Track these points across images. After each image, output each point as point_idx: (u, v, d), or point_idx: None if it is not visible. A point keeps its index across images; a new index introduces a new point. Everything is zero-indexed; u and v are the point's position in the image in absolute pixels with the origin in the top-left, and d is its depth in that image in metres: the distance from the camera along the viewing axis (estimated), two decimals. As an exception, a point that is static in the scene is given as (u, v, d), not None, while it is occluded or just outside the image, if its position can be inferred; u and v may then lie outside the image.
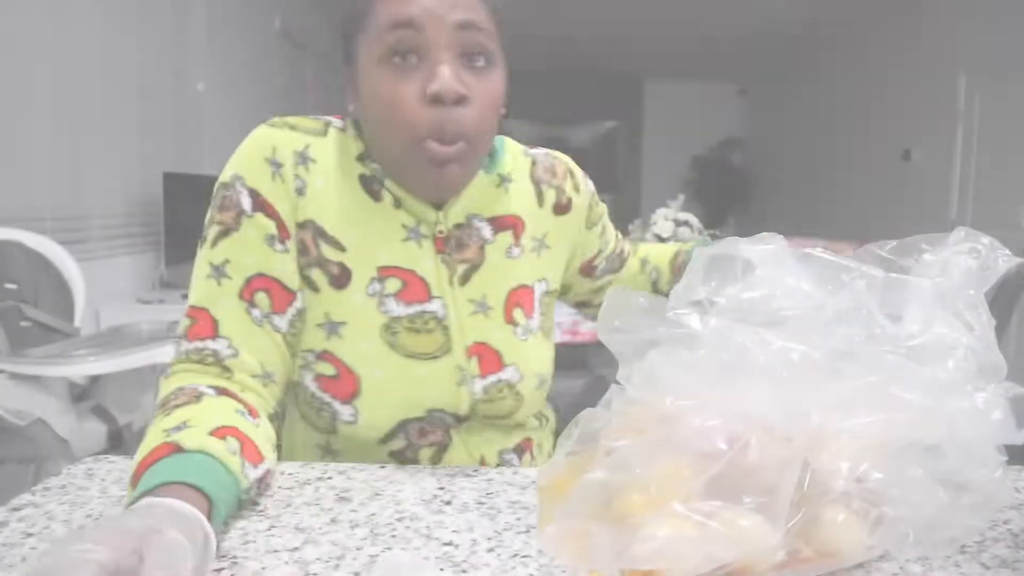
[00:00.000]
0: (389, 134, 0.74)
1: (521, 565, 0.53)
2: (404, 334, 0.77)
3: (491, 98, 0.75)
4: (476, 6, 0.73)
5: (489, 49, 0.74)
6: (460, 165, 0.75)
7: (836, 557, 0.51)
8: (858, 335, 0.52)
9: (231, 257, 0.74)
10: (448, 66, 0.71)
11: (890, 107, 5.49)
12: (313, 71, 5.65)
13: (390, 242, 0.78)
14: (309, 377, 0.77)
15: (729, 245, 0.57)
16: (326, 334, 0.77)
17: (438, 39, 0.71)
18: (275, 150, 0.76)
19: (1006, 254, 0.57)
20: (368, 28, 0.73)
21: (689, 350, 0.51)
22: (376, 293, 0.77)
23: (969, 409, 0.50)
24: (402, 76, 0.72)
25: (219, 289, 0.73)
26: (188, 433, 0.60)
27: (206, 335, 0.72)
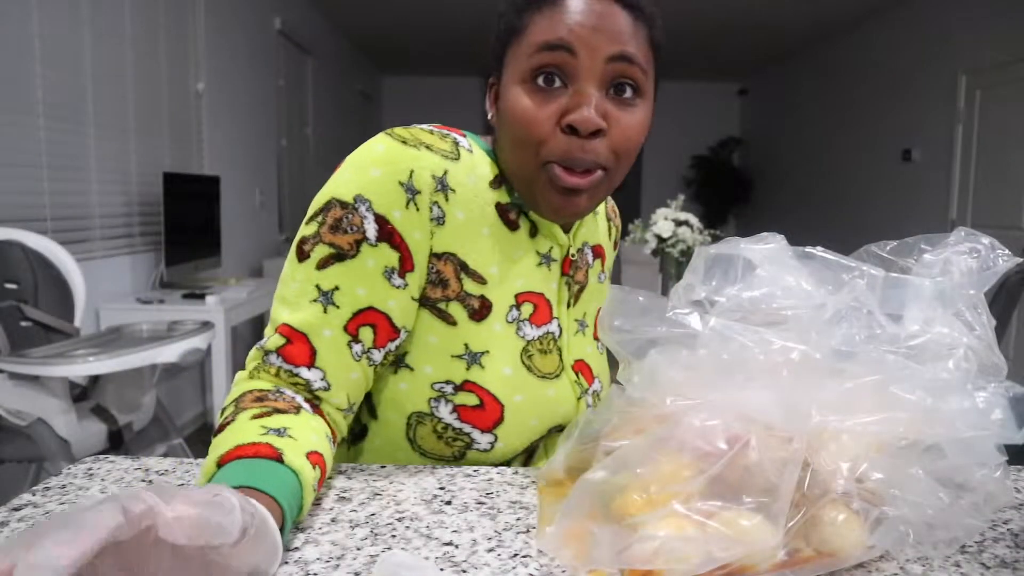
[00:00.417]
0: (519, 154, 0.73)
1: (521, 565, 0.53)
2: (536, 356, 0.78)
3: (631, 132, 0.72)
4: (635, 39, 0.70)
5: (640, 83, 0.71)
6: (588, 197, 0.74)
7: (836, 557, 0.51)
8: (858, 335, 0.52)
9: (342, 285, 0.69)
10: (592, 98, 0.69)
11: (890, 107, 5.49)
12: (313, 71, 5.65)
13: (526, 269, 0.78)
14: (446, 409, 0.74)
15: (729, 245, 0.57)
16: (467, 364, 0.74)
17: (589, 67, 0.69)
18: (412, 174, 0.70)
19: (1006, 254, 0.57)
20: (520, 43, 0.71)
21: (689, 350, 0.51)
22: (514, 320, 0.77)
23: (969, 409, 0.50)
24: (543, 98, 0.70)
25: (324, 317, 0.69)
26: (290, 445, 0.59)
27: (301, 363, 0.68)
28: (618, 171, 0.74)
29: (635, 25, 0.70)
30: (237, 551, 0.43)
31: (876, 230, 5.48)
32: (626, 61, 0.69)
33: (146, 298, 2.90)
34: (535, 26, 0.70)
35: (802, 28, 6.17)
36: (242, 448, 0.57)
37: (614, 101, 0.71)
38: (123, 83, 2.97)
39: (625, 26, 0.69)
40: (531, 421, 0.77)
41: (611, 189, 0.77)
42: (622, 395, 0.57)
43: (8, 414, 1.75)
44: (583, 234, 0.86)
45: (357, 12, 5.86)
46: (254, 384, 0.68)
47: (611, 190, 0.77)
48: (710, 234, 3.24)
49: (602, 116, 0.69)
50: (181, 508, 0.40)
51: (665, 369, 0.52)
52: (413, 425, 0.76)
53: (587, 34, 0.68)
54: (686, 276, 0.57)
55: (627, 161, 0.74)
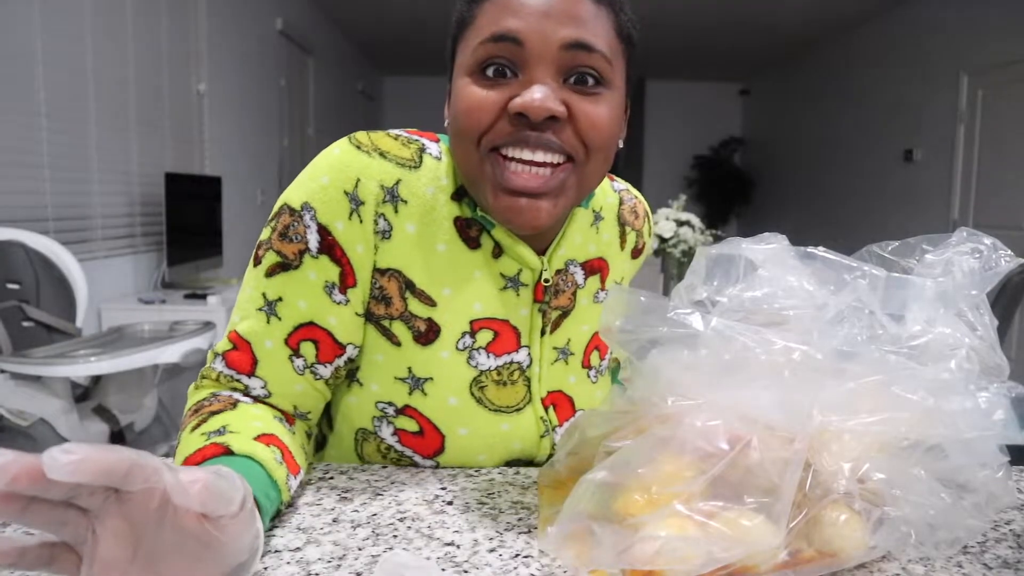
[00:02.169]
0: (460, 148, 0.65)
1: (523, 565, 0.53)
2: (491, 387, 0.72)
3: (599, 121, 0.63)
4: (596, 25, 0.63)
5: (603, 72, 0.64)
6: (550, 199, 0.64)
7: (838, 557, 0.51)
8: (860, 335, 0.52)
9: (285, 296, 0.66)
10: (545, 82, 0.62)
11: (892, 107, 5.49)
12: (314, 72, 5.66)
13: (486, 293, 0.71)
14: (388, 430, 0.72)
15: (731, 245, 0.57)
16: (409, 389, 0.70)
17: (540, 56, 0.62)
18: (358, 183, 0.66)
19: (1008, 254, 0.56)
20: (468, 36, 0.65)
21: (690, 350, 0.51)
22: (466, 348, 0.71)
23: (971, 409, 0.50)
24: (490, 87, 0.63)
25: (267, 327, 0.67)
26: (234, 437, 0.58)
27: (242, 371, 0.67)
28: (591, 166, 0.65)
29: (596, 11, 0.64)
30: (234, 525, 0.42)
31: (878, 230, 5.48)
32: (583, 49, 0.62)
33: (148, 298, 2.90)
34: (483, 16, 0.64)
35: (803, 28, 6.16)
36: (189, 459, 0.56)
37: (575, 90, 0.63)
38: (125, 83, 2.98)
39: (583, 11, 0.63)
40: (478, 456, 0.73)
41: (585, 188, 0.67)
42: (623, 395, 0.57)
43: (10, 414, 1.75)
44: (566, 251, 0.75)
45: (358, 12, 5.86)
46: (195, 397, 0.68)
47: (585, 189, 0.67)
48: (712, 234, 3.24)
49: (561, 103, 0.62)
50: (194, 473, 0.39)
51: (666, 369, 0.52)
52: (360, 440, 0.75)
53: (536, 21, 0.61)
54: (688, 276, 0.57)
55: (601, 155, 0.65)
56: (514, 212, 0.64)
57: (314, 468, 0.72)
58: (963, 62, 4.61)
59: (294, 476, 0.62)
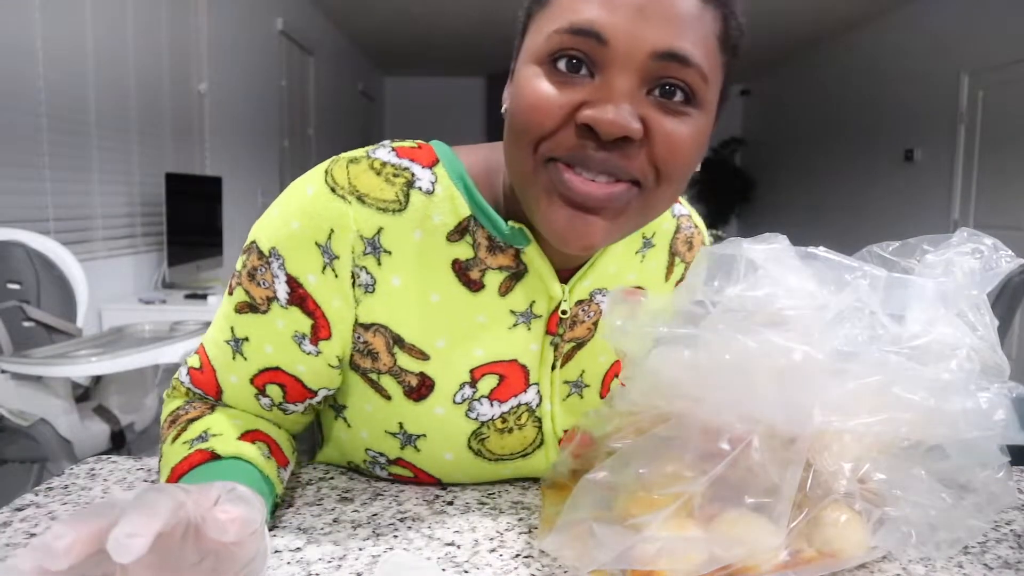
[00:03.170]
0: (515, 149, 0.56)
1: (523, 565, 0.53)
2: (493, 437, 0.66)
3: (681, 144, 0.54)
4: (696, 29, 0.52)
5: (695, 89, 0.53)
6: (609, 220, 0.55)
7: (838, 558, 0.51)
8: (861, 335, 0.52)
9: (252, 337, 0.62)
10: (623, 94, 0.52)
11: (892, 107, 5.49)
12: (315, 72, 5.66)
13: (491, 337, 0.64)
14: (382, 472, 0.69)
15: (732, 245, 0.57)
16: (400, 444, 0.66)
17: (625, 60, 0.51)
18: (332, 235, 0.59)
19: (1009, 255, 0.56)
20: (543, 15, 0.55)
21: (691, 350, 0.51)
22: (465, 399, 0.64)
23: (972, 409, 0.50)
24: (560, 82, 0.53)
25: (232, 363, 0.63)
26: (218, 441, 0.58)
27: (208, 393, 0.65)
28: (660, 193, 0.56)
29: (701, 11, 0.53)
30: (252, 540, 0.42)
31: (878, 230, 5.47)
32: (677, 61, 0.52)
33: (148, 298, 2.90)
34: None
35: (804, 29, 6.16)
36: (176, 469, 0.56)
37: (658, 105, 0.53)
38: (125, 84, 2.98)
39: (686, 12, 0.52)
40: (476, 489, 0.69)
41: (649, 215, 0.59)
42: (624, 396, 0.57)
43: (11, 414, 1.75)
44: (593, 281, 0.67)
45: (359, 12, 5.86)
46: (170, 406, 0.67)
47: (648, 217, 0.59)
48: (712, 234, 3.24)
49: (639, 120, 0.52)
50: (230, 508, 0.39)
51: (667, 369, 0.52)
52: (351, 468, 0.73)
53: (627, 18, 0.51)
54: (688, 276, 0.57)
55: (674, 182, 0.56)
56: (568, 227, 0.55)
57: (314, 468, 0.72)
58: (963, 62, 4.61)
59: (283, 468, 0.62)
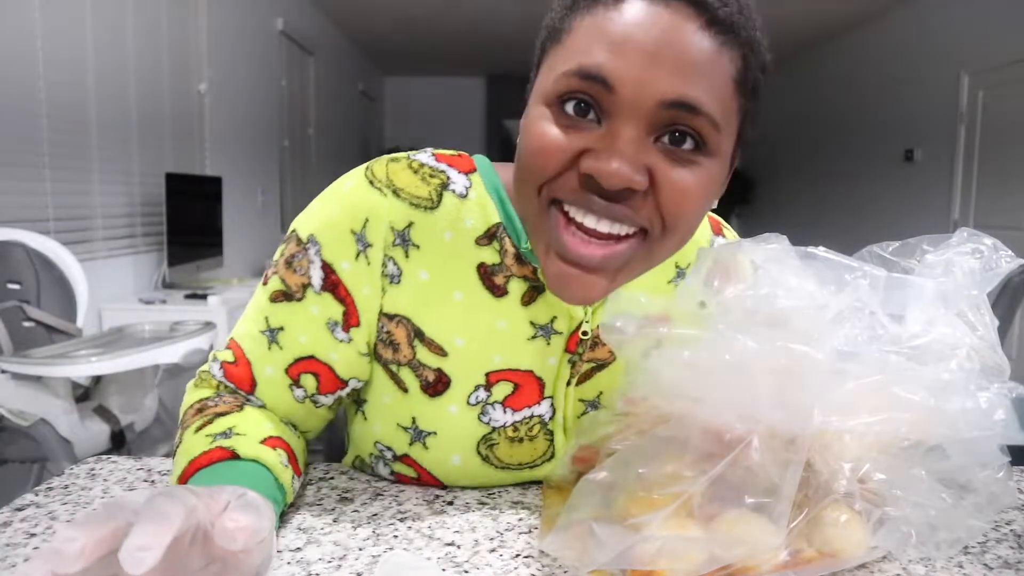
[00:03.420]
0: (522, 189, 0.56)
1: (523, 566, 0.53)
2: (503, 445, 0.66)
3: (686, 196, 0.53)
4: (709, 75, 0.51)
5: (706, 137, 0.52)
6: (607, 277, 0.55)
7: (838, 558, 0.51)
8: (861, 335, 0.52)
9: (287, 327, 0.64)
10: (628, 143, 0.51)
11: (892, 107, 5.49)
12: (315, 72, 5.66)
13: (509, 344, 0.64)
14: (385, 470, 0.70)
15: (732, 245, 0.57)
16: (410, 439, 0.66)
17: (632, 110, 0.50)
18: (366, 223, 0.61)
19: (1009, 255, 0.56)
20: (556, 52, 0.55)
21: (691, 350, 0.51)
22: (479, 402, 0.65)
23: (972, 409, 0.50)
24: (567, 125, 0.53)
25: (267, 353, 0.65)
26: (240, 441, 0.58)
27: (241, 387, 0.66)
28: (665, 242, 0.55)
29: (717, 54, 0.51)
30: (259, 547, 0.43)
31: (878, 230, 5.47)
32: (687, 110, 0.50)
33: (148, 298, 2.90)
34: (576, 34, 0.53)
35: (804, 29, 6.16)
36: (195, 462, 0.56)
37: (666, 152, 0.52)
38: (125, 84, 2.98)
39: (700, 57, 0.50)
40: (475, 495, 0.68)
41: (649, 265, 0.58)
42: (624, 396, 0.57)
43: (11, 414, 1.75)
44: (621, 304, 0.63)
45: (359, 13, 5.86)
46: (196, 395, 0.67)
47: (649, 266, 0.58)
48: (712, 234, 3.23)
49: (644, 170, 0.51)
50: (240, 517, 0.39)
51: (667, 370, 0.52)
52: (357, 466, 0.74)
53: (635, 65, 0.50)
54: (688, 276, 0.57)
55: (680, 232, 0.55)
56: (565, 284, 0.55)
57: (314, 468, 0.72)
58: (963, 62, 4.61)
59: (297, 478, 0.62)
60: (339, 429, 1.00)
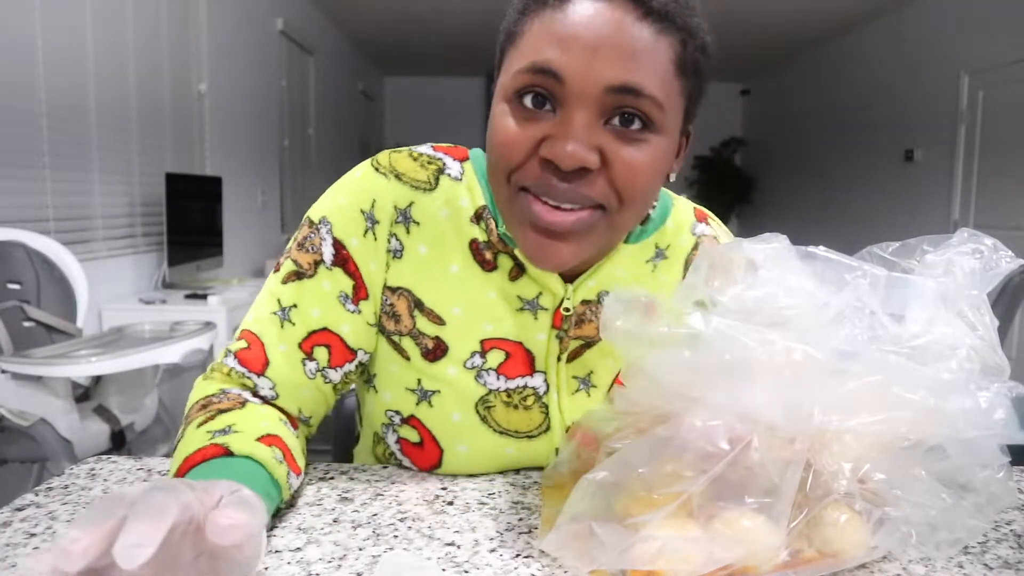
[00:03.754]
0: (493, 180, 0.63)
1: (523, 565, 0.53)
2: (499, 408, 0.71)
3: (638, 169, 0.58)
4: (649, 61, 0.57)
5: (651, 116, 0.58)
6: (576, 242, 0.61)
7: (839, 558, 0.51)
8: (861, 335, 0.52)
9: (299, 303, 0.69)
10: (579, 128, 0.57)
11: (892, 107, 5.49)
12: (315, 72, 5.66)
13: (498, 314, 0.70)
14: (392, 437, 0.74)
15: (732, 245, 0.57)
16: (416, 399, 0.71)
17: (580, 97, 0.57)
18: (374, 203, 0.68)
19: (1009, 255, 0.56)
20: (512, 54, 0.61)
21: (691, 350, 0.51)
22: (475, 367, 0.70)
23: (972, 409, 0.50)
24: (525, 118, 0.59)
25: (280, 332, 0.69)
26: (236, 438, 0.59)
27: (254, 369, 0.68)
28: (624, 214, 0.61)
29: (655, 41, 0.57)
30: (250, 543, 0.43)
31: (878, 230, 5.47)
32: (631, 93, 0.56)
33: (148, 298, 2.90)
34: (528, 36, 0.59)
35: (804, 28, 6.16)
36: (190, 459, 0.58)
37: (616, 133, 0.58)
38: (125, 84, 2.98)
39: (639, 45, 0.56)
40: (474, 473, 0.72)
41: (617, 234, 0.65)
42: (624, 395, 0.57)
43: (11, 414, 1.75)
44: (599, 283, 0.71)
45: (359, 12, 5.86)
46: (203, 390, 0.69)
47: (617, 235, 0.65)
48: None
49: (596, 150, 0.58)
50: (233, 513, 0.40)
51: (667, 369, 0.52)
52: (375, 442, 0.78)
53: (580, 58, 0.56)
54: (688, 276, 0.57)
55: (636, 203, 0.61)
56: (539, 250, 0.61)
57: (314, 468, 0.72)
58: (964, 62, 4.61)
59: (295, 475, 0.63)
60: (344, 430, 1.00)
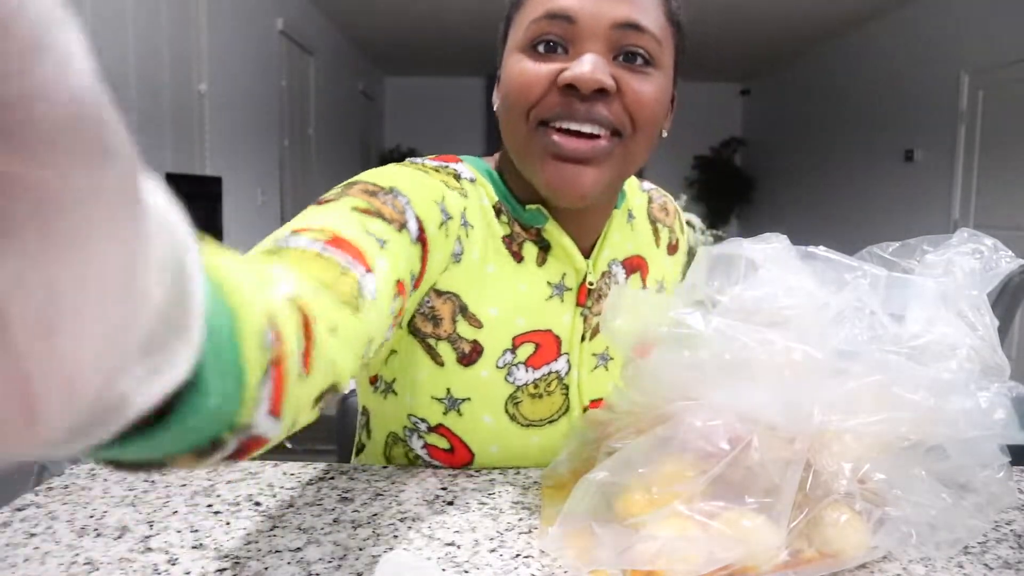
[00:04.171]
0: (511, 123, 0.66)
1: (523, 565, 0.53)
2: (526, 402, 0.71)
3: (646, 97, 0.64)
4: (646, 5, 0.64)
5: (652, 52, 0.65)
6: (596, 169, 0.64)
7: (839, 557, 0.51)
8: (861, 335, 0.52)
9: (375, 230, 0.53)
10: (596, 55, 0.62)
11: (892, 107, 5.48)
12: (315, 72, 5.66)
13: (530, 306, 0.71)
14: (418, 443, 0.72)
15: (732, 245, 0.57)
16: (444, 409, 0.70)
17: (592, 33, 0.63)
18: (444, 198, 0.65)
19: (1009, 255, 0.56)
20: (520, 14, 0.67)
21: (691, 350, 0.51)
22: (506, 364, 0.70)
23: (972, 409, 0.50)
24: (541, 60, 0.64)
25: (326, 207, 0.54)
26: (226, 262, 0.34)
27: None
28: (636, 141, 0.66)
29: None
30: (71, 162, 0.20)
31: (878, 230, 5.47)
32: (634, 28, 0.63)
33: (148, 298, 2.90)
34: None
35: (804, 28, 6.16)
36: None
37: (623, 67, 0.64)
38: (125, 84, 2.98)
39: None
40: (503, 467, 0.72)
41: (629, 164, 0.68)
42: (624, 396, 0.57)
43: (11, 414, 1.75)
44: (608, 251, 0.76)
45: (359, 13, 5.86)
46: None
47: (629, 166, 0.68)
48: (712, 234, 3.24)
49: (611, 77, 0.63)
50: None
51: (667, 369, 0.52)
52: (389, 444, 0.75)
53: (588, 1, 0.63)
54: (688, 276, 0.57)
55: (646, 132, 0.66)
56: (562, 179, 0.64)
57: (314, 468, 0.72)
58: (964, 62, 4.61)
59: (305, 374, 0.35)
60: (348, 430, 1.00)
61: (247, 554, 0.54)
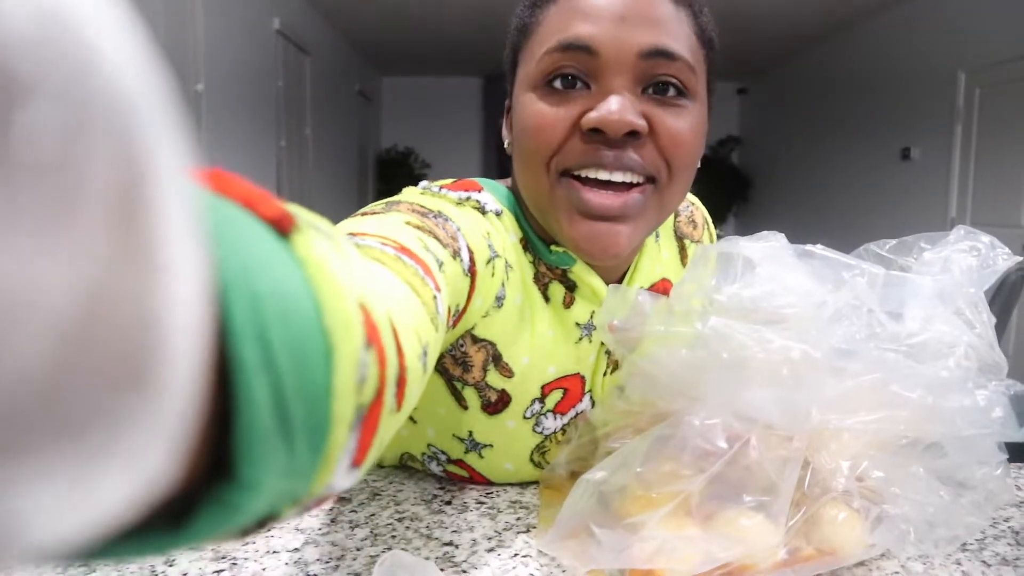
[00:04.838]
0: (529, 173, 0.57)
1: (521, 565, 0.53)
2: (552, 450, 0.68)
3: (683, 136, 0.56)
4: (675, 27, 0.55)
5: (685, 82, 0.56)
6: (632, 225, 0.57)
7: (837, 555, 0.51)
8: (859, 333, 0.52)
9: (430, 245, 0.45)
10: (623, 92, 0.54)
11: (889, 106, 5.49)
12: (311, 72, 5.65)
13: (562, 353, 0.65)
14: (436, 468, 0.70)
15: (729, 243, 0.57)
16: (465, 449, 0.66)
17: (616, 65, 0.54)
18: (490, 234, 0.57)
19: (1006, 253, 0.56)
20: (531, 44, 0.58)
21: (689, 349, 0.51)
22: (534, 415, 0.65)
23: (970, 407, 0.50)
24: (558, 99, 0.55)
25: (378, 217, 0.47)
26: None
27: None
28: (673, 185, 0.58)
29: (676, 12, 0.56)
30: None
31: (875, 229, 5.48)
32: (664, 56, 0.55)
33: (145, 299, 2.89)
34: (548, 22, 0.57)
35: (801, 28, 6.17)
36: None
37: (655, 102, 0.56)
38: (122, 84, 2.97)
39: (662, 12, 0.55)
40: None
41: (666, 212, 0.60)
42: (622, 395, 0.57)
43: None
44: (640, 280, 0.69)
45: (356, 12, 5.86)
46: None
47: (663, 214, 0.60)
48: (709, 233, 3.24)
49: (642, 116, 0.55)
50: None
51: (665, 368, 0.52)
52: (405, 459, 0.72)
53: (610, 26, 0.54)
54: (686, 274, 0.57)
55: (684, 175, 0.59)
56: (592, 239, 0.56)
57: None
58: (961, 61, 4.62)
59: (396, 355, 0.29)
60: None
61: (244, 555, 0.54)
